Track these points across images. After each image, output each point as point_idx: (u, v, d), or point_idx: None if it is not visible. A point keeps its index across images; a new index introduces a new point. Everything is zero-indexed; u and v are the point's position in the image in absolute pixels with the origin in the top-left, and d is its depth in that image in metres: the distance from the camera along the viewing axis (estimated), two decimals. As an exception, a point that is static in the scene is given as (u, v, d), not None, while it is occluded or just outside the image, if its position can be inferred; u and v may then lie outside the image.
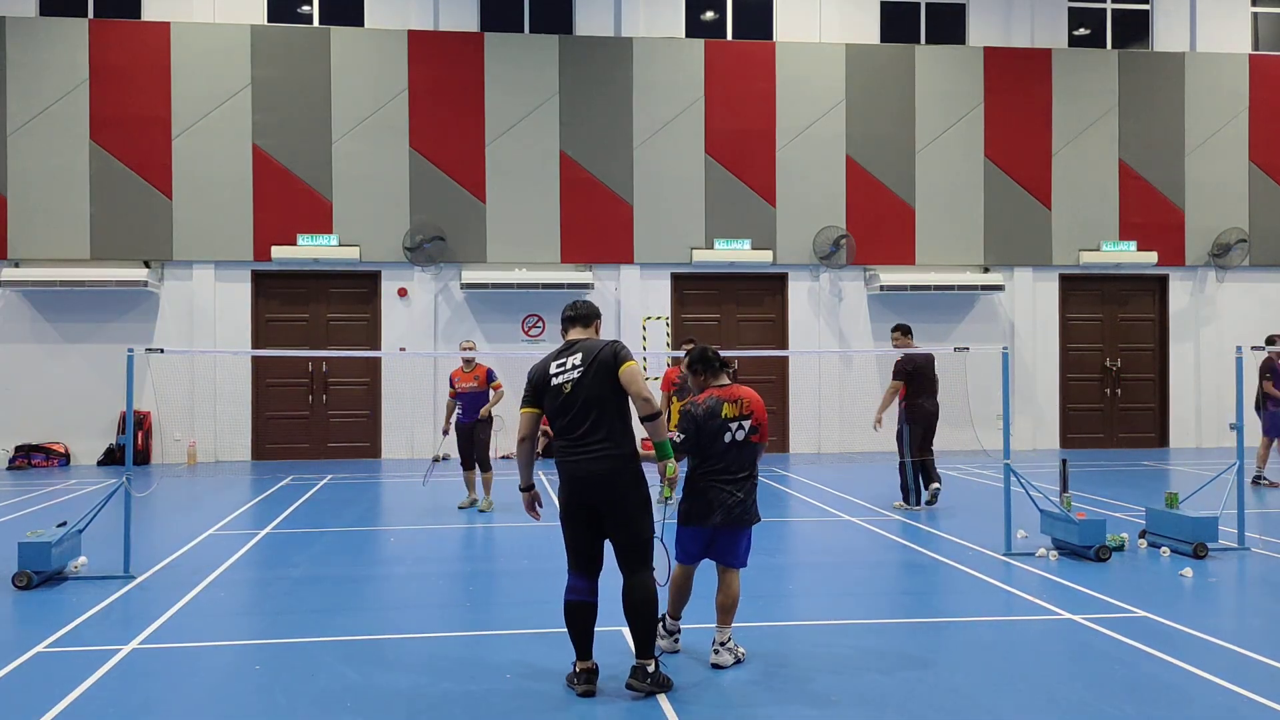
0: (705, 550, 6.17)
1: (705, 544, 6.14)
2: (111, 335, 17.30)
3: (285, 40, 18.03)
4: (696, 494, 6.05)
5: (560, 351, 5.65)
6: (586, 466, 5.44)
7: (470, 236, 18.24)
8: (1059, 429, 19.64)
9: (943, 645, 6.37)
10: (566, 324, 5.82)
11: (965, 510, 11.78)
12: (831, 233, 18.60)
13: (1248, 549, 9.19)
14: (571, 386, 5.49)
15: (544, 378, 5.59)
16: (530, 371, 5.65)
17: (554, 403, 5.53)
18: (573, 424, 5.49)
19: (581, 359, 5.54)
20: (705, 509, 6.02)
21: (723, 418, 6.09)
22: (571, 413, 5.48)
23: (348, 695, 5.48)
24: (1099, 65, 19.62)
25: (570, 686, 5.51)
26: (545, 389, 5.57)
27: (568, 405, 5.49)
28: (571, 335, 5.76)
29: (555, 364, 5.60)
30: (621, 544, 5.49)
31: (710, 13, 19.25)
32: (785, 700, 5.39)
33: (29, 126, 17.48)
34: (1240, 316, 19.56)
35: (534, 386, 5.62)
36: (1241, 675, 5.69)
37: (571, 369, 5.54)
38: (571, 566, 5.54)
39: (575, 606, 5.50)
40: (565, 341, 5.74)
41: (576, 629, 5.50)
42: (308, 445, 18.22)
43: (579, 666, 5.51)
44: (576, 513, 5.51)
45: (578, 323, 5.79)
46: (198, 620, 7.11)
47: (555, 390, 5.53)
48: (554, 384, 5.55)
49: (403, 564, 9.12)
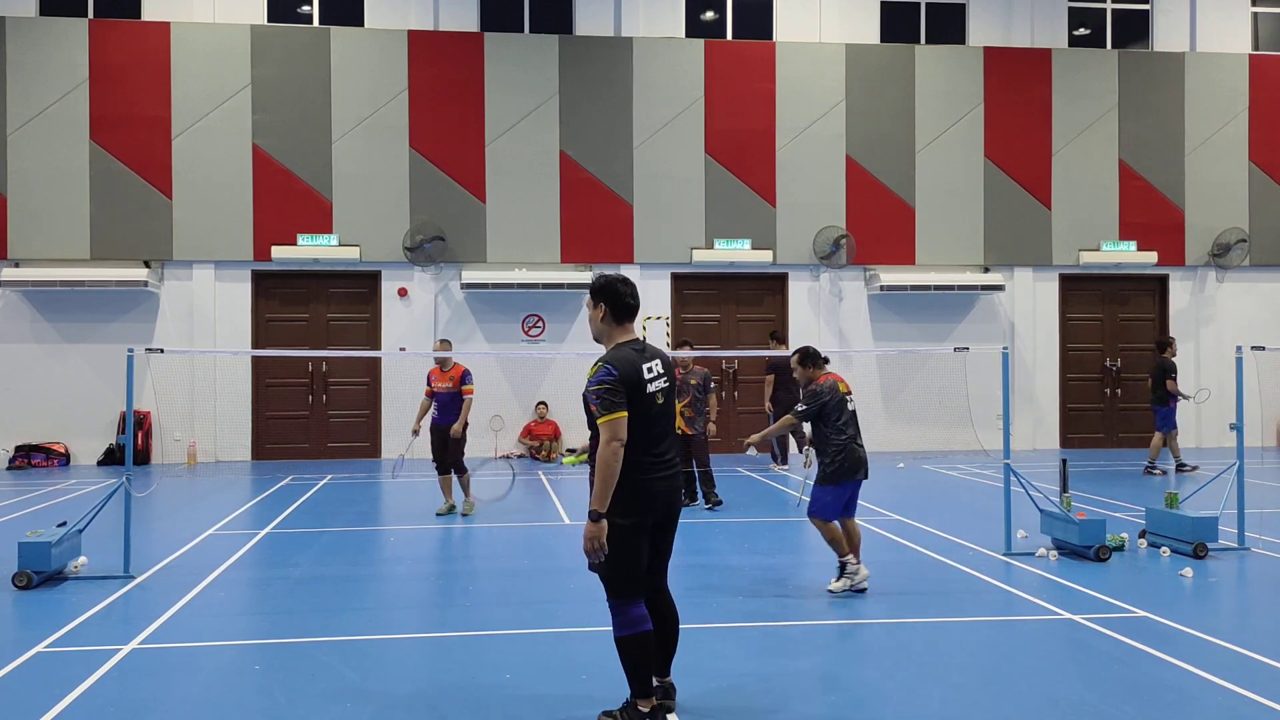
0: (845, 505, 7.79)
1: (846, 499, 7.77)
2: (111, 335, 17.30)
3: (285, 40, 18.03)
4: (845, 455, 7.67)
5: (639, 352, 4.88)
6: (672, 483, 4.91)
7: (470, 236, 18.24)
8: (1059, 429, 19.64)
9: (943, 645, 6.37)
10: (629, 312, 4.98)
11: (965, 510, 11.78)
12: (831, 233, 18.60)
13: (1248, 549, 9.20)
14: (664, 398, 4.88)
15: (640, 381, 4.76)
16: (616, 369, 4.72)
17: (645, 411, 4.76)
18: (659, 437, 4.86)
19: (663, 367, 4.93)
20: (855, 465, 7.71)
21: (841, 394, 7.80)
22: (660, 425, 4.86)
23: (347, 695, 5.49)
24: (1099, 65, 19.62)
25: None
26: (639, 396, 4.75)
27: (660, 416, 4.86)
28: (631, 328, 5.02)
29: (645, 367, 4.83)
30: (662, 561, 5.03)
31: (710, 13, 19.25)
32: (785, 700, 5.39)
33: (29, 126, 17.48)
34: (1240, 316, 19.56)
35: (629, 387, 4.71)
36: (1241, 675, 5.69)
37: (659, 377, 4.88)
38: (634, 594, 4.78)
39: (647, 638, 4.80)
40: (636, 339, 4.97)
41: (647, 662, 4.82)
42: (308, 445, 18.22)
43: (650, 705, 4.85)
44: (645, 534, 4.83)
45: (638, 312, 5.06)
46: (198, 620, 7.12)
47: (649, 398, 4.79)
48: (649, 390, 4.80)
49: (403, 564, 9.13)
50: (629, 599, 4.78)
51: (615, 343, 4.94)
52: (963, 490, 13.78)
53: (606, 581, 4.81)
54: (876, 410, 18.98)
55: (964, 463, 16.54)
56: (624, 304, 4.98)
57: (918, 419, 18.69)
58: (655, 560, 4.97)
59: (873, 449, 18.42)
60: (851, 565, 7.72)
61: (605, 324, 4.99)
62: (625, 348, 4.87)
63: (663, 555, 5.02)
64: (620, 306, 4.97)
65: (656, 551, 4.97)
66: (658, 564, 5.00)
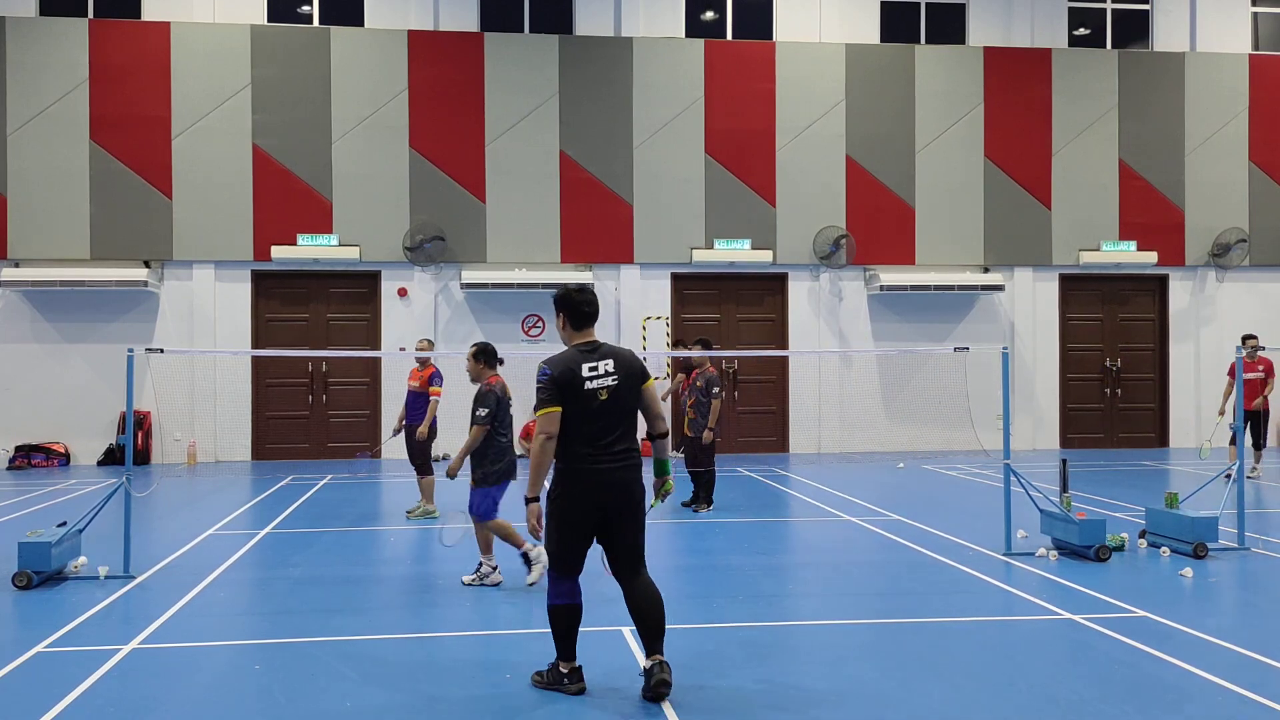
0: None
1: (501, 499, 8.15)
2: (111, 335, 17.29)
3: (285, 40, 18.03)
4: (507, 456, 8.06)
5: (586, 353, 5.40)
6: (618, 475, 5.36)
7: (470, 236, 18.24)
8: (1059, 429, 19.64)
9: (943, 645, 6.37)
10: (584, 319, 5.50)
11: (965, 510, 11.78)
12: (831, 233, 18.60)
13: (1248, 549, 9.19)
14: (609, 395, 5.34)
15: (575, 380, 5.30)
16: (550, 369, 5.30)
17: (584, 408, 5.28)
18: (604, 431, 5.33)
19: (615, 366, 5.39)
20: (511, 467, 8.02)
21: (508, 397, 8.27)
22: (604, 420, 5.33)
23: (347, 695, 5.48)
24: (1099, 65, 19.62)
25: (563, 688, 5.46)
26: (576, 392, 5.29)
27: (603, 412, 5.33)
28: (590, 332, 5.51)
29: (587, 367, 5.34)
30: (629, 547, 5.45)
31: (710, 13, 19.25)
32: (785, 700, 5.39)
33: (29, 126, 17.48)
34: (1240, 316, 19.52)
35: (560, 387, 5.27)
36: (1241, 675, 5.69)
37: (606, 375, 5.35)
38: (564, 572, 5.42)
39: (574, 610, 5.44)
40: (586, 341, 5.47)
41: (572, 631, 5.48)
42: (308, 445, 18.22)
43: (571, 667, 5.50)
44: (585, 520, 5.37)
45: (594, 320, 5.55)
46: (198, 620, 7.11)
47: (588, 395, 5.30)
48: (588, 389, 5.31)
49: (403, 564, 9.13)
50: (562, 574, 5.42)
51: (571, 344, 5.50)
52: (963, 490, 13.78)
53: (549, 555, 5.50)
54: (876, 410, 19.00)
55: (964, 463, 16.54)
56: (581, 312, 5.52)
57: (918, 419, 18.70)
58: (614, 550, 5.46)
59: (873, 449, 18.69)
60: (532, 552, 7.77)
61: (566, 330, 5.56)
62: (572, 349, 5.45)
63: (627, 543, 5.44)
64: (577, 314, 5.52)
65: (619, 540, 5.43)
66: (626, 555, 5.45)
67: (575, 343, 5.48)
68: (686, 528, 10.83)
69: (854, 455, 18.44)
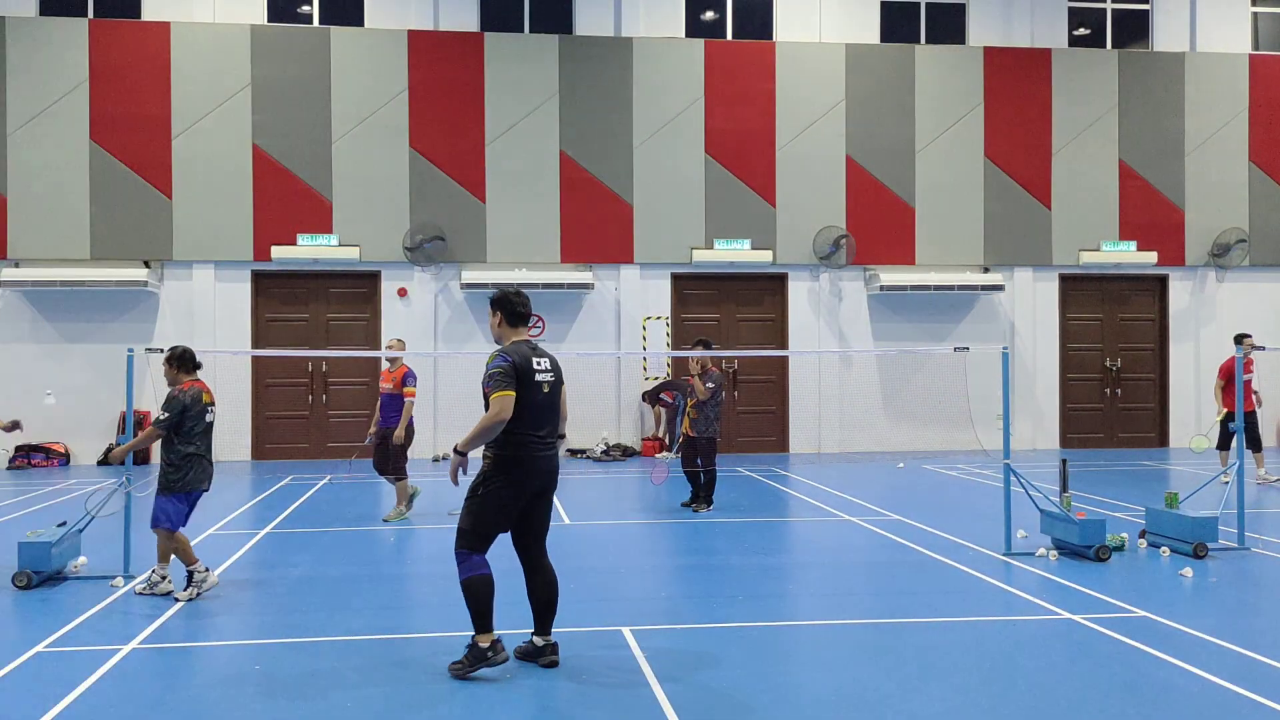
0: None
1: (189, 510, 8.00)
2: (111, 335, 17.30)
3: (285, 40, 18.03)
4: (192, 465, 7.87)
5: (531, 349, 5.87)
6: (552, 462, 5.88)
7: (470, 236, 18.24)
8: (1059, 429, 19.64)
9: (943, 645, 6.37)
10: (520, 319, 5.99)
11: (965, 510, 11.78)
12: (831, 233, 18.60)
13: (1248, 549, 9.20)
14: (549, 388, 5.85)
15: (529, 370, 5.76)
16: (511, 357, 5.72)
17: (531, 397, 5.73)
18: (542, 421, 5.81)
19: (550, 365, 5.92)
20: (202, 476, 7.91)
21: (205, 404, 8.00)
22: (544, 411, 5.82)
23: (347, 695, 5.49)
24: (1099, 65, 19.62)
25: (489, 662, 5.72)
26: (529, 381, 5.74)
27: (544, 404, 5.82)
28: (523, 332, 6.01)
29: (535, 361, 5.81)
30: (543, 530, 5.98)
31: (710, 13, 19.25)
32: (785, 700, 5.39)
33: (29, 126, 17.48)
34: (1240, 316, 19.54)
35: (518, 373, 5.70)
36: (1241, 675, 5.69)
37: (547, 372, 5.86)
38: (480, 549, 5.77)
39: (490, 580, 5.78)
40: (525, 340, 5.96)
41: (490, 601, 5.77)
42: (308, 445, 18.22)
43: (490, 639, 5.75)
44: (518, 502, 5.78)
45: (528, 320, 6.05)
46: (198, 620, 7.12)
47: (536, 386, 5.77)
48: (537, 379, 5.78)
49: (403, 564, 9.13)
50: (474, 549, 5.76)
51: (510, 342, 5.93)
52: (963, 490, 13.78)
53: (462, 533, 5.78)
54: (876, 410, 19.01)
55: (964, 463, 16.54)
56: (516, 312, 5.98)
57: (918, 419, 18.70)
58: (533, 531, 5.92)
59: (873, 449, 18.69)
60: (200, 573, 7.70)
61: (501, 328, 6.01)
62: (520, 344, 5.88)
63: (540, 526, 5.95)
64: (513, 314, 5.98)
65: (534, 522, 5.91)
66: (536, 534, 5.94)
67: (514, 340, 5.93)
68: (686, 528, 10.83)
69: (854, 455, 18.44)
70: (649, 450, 18.22)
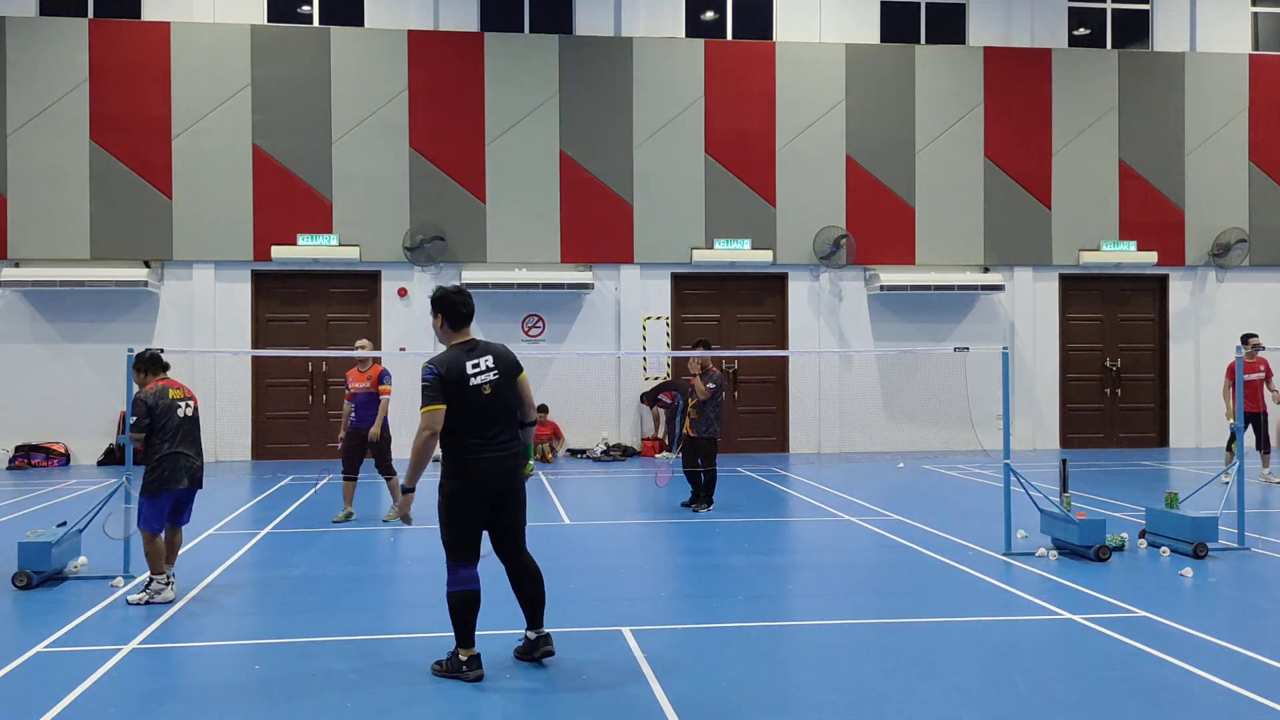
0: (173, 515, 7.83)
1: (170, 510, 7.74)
2: (111, 335, 17.29)
3: (285, 40, 18.03)
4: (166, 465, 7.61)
5: (468, 351, 5.75)
6: (502, 462, 5.73)
7: (470, 236, 18.24)
8: (1059, 429, 19.64)
9: (943, 645, 6.37)
10: (462, 319, 5.83)
11: (965, 510, 11.78)
12: (831, 233, 18.60)
13: (1248, 549, 9.20)
14: (491, 389, 5.72)
15: (461, 378, 5.65)
16: (438, 369, 5.60)
17: (469, 403, 5.63)
18: (489, 423, 5.70)
19: (494, 362, 5.77)
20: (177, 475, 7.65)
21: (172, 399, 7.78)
22: (487, 414, 5.70)
23: (347, 695, 5.49)
24: (1099, 65, 19.62)
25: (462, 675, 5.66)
26: (461, 389, 5.63)
27: (487, 406, 5.70)
28: (467, 331, 5.86)
29: (470, 364, 5.69)
30: (516, 526, 5.87)
31: (710, 13, 19.25)
32: (785, 700, 5.39)
33: (29, 126, 17.48)
34: (1240, 316, 19.52)
35: (446, 385, 5.60)
36: (1241, 675, 5.69)
37: (487, 371, 5.73)
38: (462, 559, 5.69)
39: (474, 596, 5.71)
40: (467, 340, 5.82)
41: (472, 617, 5.71)
42: (308, 445, 18.22)
43: (469, 654, 5.70)
44: (478, 506, 5.71)
45: (471, 320, 5.90)
46: (198, 620, 7.12)
47: (474, 391, 5.66)
48: (472, 385, 5.67)
49: (403, 564, 9.13)
50: (460, 561, 5.69)
51: (451, 344, 5.81)
52: (963, 490, 13.78)
53: (445, 547, 5.73)
54: (876, 410, 19.01)
55: (964, 463, 16.54)
56: (458, 313, 5.83)
57: (918, 419, 18.69)
58: (506, 532, 5.85)
59: (873, 449, 18.68)
60: (159, 583, 7.51)
61: (444, 330, 5.87)
62: (454, 349, 5.75)
63: (512, 527, 5.86)
64: (454, 315, 5.83)
65: (504, 524, 5.82)
66: (510, 534, 5.86)
67: (455, 342, 5.80)
68: (686, 528, 10.83)
69: (854, 455, 18.44)
70: (649, 450, 18.22)
